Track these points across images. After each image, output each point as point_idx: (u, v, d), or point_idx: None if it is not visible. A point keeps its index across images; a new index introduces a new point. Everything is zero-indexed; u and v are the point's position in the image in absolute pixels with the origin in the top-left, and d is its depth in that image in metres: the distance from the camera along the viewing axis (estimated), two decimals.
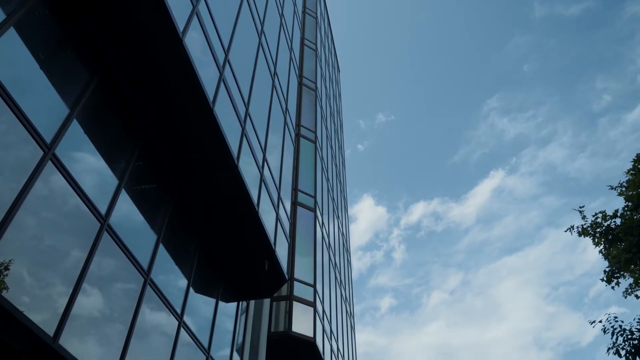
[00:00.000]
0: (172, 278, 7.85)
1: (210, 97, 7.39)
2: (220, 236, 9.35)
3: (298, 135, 17.78)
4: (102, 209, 6.03)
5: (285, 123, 13.43)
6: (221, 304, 9.90)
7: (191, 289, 8.47)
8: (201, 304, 9.04)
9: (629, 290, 13.59)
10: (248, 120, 9.44)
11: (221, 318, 9.83)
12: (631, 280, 13.55)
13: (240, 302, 10.96)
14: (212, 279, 9.59)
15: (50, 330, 4.79)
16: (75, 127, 5.66)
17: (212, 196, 8.72)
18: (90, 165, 6.02)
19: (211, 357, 8.75)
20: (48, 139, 5.12)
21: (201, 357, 8.42)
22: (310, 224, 15.73)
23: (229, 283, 10.30)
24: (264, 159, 10.36)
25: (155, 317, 7.08)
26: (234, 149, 8.23)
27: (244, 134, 8.99)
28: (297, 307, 13.23)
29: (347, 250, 24.14)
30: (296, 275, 13.86)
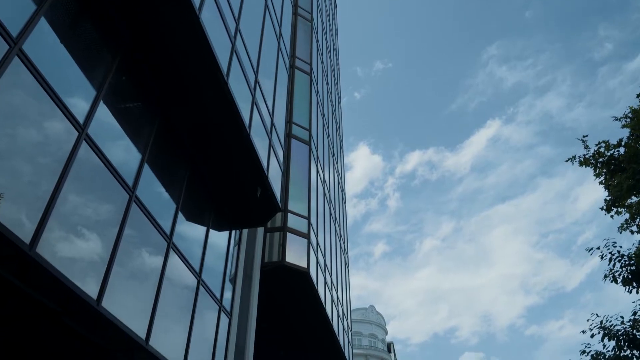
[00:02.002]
0: (159, 199, 7.54)
1: (197, 3, 6.80)
2: (211, 160, 8.99)
3: (293, 66, 17.08)
4: (80, 120, 5.60)
5: (279, 50, 12.77)
6: (213, 232, 9.69)
7: (180, 214, 8.18)
8: (191, 230, 8.80)
9: (624, 225, 13.53)
10: (238, 36, 8.84)
11: (213, 246, 9.64)
12: (627, 215, 13.46)
13: (233, 232, 10.75)
14: (203, 204, 9.31)
15: (27, 238, 4.49)
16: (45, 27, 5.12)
17: (201, 117, 8.28)
18: (64, 71, 5.53)
19: (202, 280, 8.60)
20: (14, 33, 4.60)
21: (192, 280, 8.26)
22: (304, 157, 15.37)
23: (221, 211, 10.05)
24: (256, 81, 9.83)
25: (142, 235, 6.82)
26: (223, 64, 7.70)
27: (234, 50, 8.43)
28: (291, 238, 13.10)
29: (342, 188, 23.96)
30: (290, 207, 13.65)
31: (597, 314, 9.88)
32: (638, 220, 13.07)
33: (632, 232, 13.37)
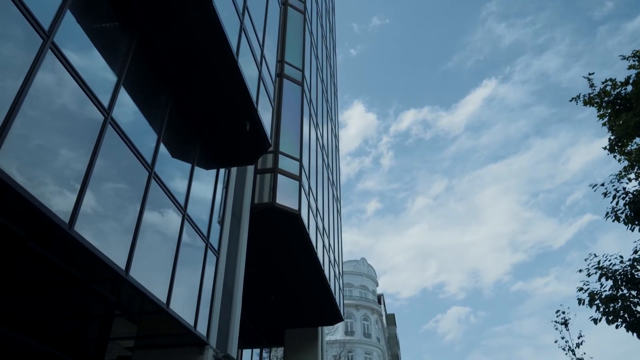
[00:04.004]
0: (138, 124, 7.02)
1: None
2: (195, 88, 8.42)
3: (285, 3, 16.19)
4: (46, 26, 5.01)
5: None
6: (200, 168, 9.23)
7: (163, 145, 7.67)
8: (175, 163, 8.33)
9: (622, 173, 13.24)
10: None
11: (199, 182, 9.21)
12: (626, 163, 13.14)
13: (221, 170, 10.29)
14: (188, 137, 8.81)
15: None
16: None
17: (185, 41, 7.65)
18: None
19: (188, 215, 8.21)
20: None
21: (176, 214, 7.87)
22: (297, 98, 14.76)
23: (208, 146, 9.55)
24: (245, 7, 9.13)
25: (119, 161, 6.34)
26: None
27: None
28: (282, 180, 12.69)
29: (335, 136, 23.43)
30: (281, 149, 13.17)
31: (594, 254, 9.71)
32: (637, 168, 12.77)
33: (629, 179, 13.11)
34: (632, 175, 13.11)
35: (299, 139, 13.96)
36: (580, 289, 9.49)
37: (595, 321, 9.06)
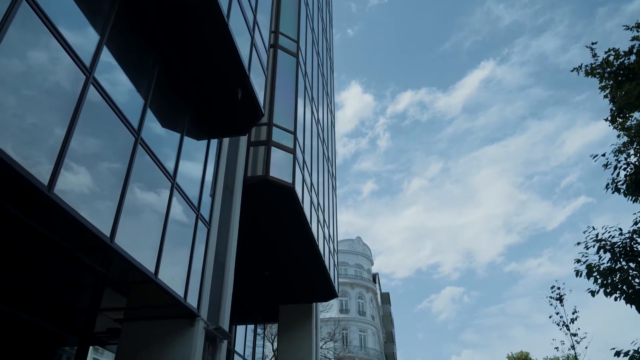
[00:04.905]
0: (122, 87, 6.71)
1: None
2: (185, 52, 8.08)
3: None
4: None
5: None
6: (190, 137, 8.95)
7: (150, 111, 7.35)
8: (164, 130, 8.04)
9: (622, 149, 13.04)
10: None
11: (189, 151, 8.95)
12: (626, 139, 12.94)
13: (213, 141, 9.99)
14: (177, 103, 8.50)
15: None
16: None
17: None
18: None
19: (177, 184, 7.96)
20: None
21: (165, 182, 7.62)
22: (291, 70, 14.39)
23: (198, 114, 9.25)
24: None
25: (103, 123, 6.06)
26: None
27: None
28: (275, 152, 12.43)
29: (331, 112, 23.08)
30: (275, 121, 12.87)
31: (592, 227, 9.55)
32: (636, 144, 12.57)
33: (629, 155, 12.93)
34: (632, 152, 12.93)
35: (293, 111, 13.65)
36: (578, 261, 9.35)
37: (593, 293, 8.94)
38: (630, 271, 8.51)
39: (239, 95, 8.90)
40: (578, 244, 9.52)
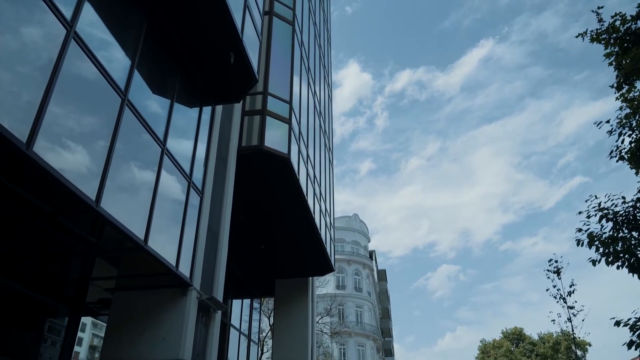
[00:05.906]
0: (108, 46, 6.38)
1: None
2: (174, 11, 7.72)
3: None
4: None
5: None
6: (181, 103, 8.63)
7: (137, 71, 7.02)
8: (152, 93, 7.73)
9: (624, 121, 12.77)
10: None
11: (180, 117, 8.65)
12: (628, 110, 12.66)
13: (206, 108, 9.67)
14: (166, 65, 8.16)
15: None
16: None
17: None
18: None
19: (167, 150, 7.69)
20: None
21: (155, 147, 7.35)
22: (287, 38, 13.98)
23: (190, 81, 8.91)
24: None
25: (88, 83, 5.75)
26: None
27: None
28: (270, 122, 12.12)
29: (328, 85, 22.66)
30: (271, 90, 12.53)
31: (595, 196, 9.34)
32: (638, 116, 12.30)
33: (632, 127, 12.68)
34: (634, 123, 12.66)
35: (289, 80, 13.29)
36: (579, 230, 9.18)
37: (594, 262, 8.80)
38: (633, 240, 8.36)
39: (232, 59, 8.56)
40: (579, 213, 9.35)
